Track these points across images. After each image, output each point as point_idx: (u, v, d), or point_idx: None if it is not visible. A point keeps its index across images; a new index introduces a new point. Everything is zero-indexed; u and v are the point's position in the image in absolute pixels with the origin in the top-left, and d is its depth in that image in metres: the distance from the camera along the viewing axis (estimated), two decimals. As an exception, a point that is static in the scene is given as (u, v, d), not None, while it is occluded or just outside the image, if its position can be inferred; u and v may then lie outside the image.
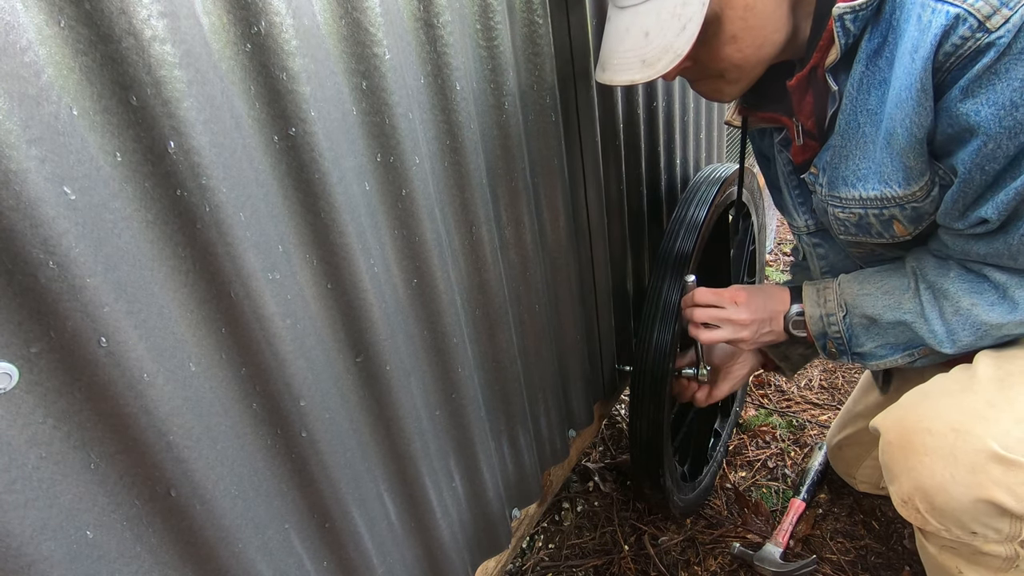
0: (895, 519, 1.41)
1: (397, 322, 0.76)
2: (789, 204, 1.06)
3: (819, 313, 0.99)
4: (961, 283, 0.84)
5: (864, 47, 0.77)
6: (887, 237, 0.88)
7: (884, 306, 0.92)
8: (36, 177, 0.40)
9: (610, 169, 1.17)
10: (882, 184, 0.81)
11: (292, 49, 0.56)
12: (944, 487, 0.79)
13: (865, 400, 1.35)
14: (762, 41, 0.81)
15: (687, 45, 0.75)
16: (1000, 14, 0.62)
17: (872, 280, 0.95)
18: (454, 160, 0.79)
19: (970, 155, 0.71)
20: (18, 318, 0.43)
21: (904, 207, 0.82)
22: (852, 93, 0.80)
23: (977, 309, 0.83)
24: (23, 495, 0.43)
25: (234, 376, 0.58)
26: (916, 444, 0.82)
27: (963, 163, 0.72)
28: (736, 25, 0.79)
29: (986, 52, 0.64)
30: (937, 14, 0.65)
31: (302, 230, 0.62)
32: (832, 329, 0.98)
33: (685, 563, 1.40)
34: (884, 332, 0.94)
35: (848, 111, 0.81)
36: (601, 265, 1.21)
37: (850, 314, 0.96)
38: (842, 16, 0.74)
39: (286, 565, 0.67)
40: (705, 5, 0.73)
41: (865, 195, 0.84)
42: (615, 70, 0.81)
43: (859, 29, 0.75)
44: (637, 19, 0.79)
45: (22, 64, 0.40)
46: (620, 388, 1.50)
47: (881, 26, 0.75)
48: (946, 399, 0.82)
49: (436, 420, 0.88)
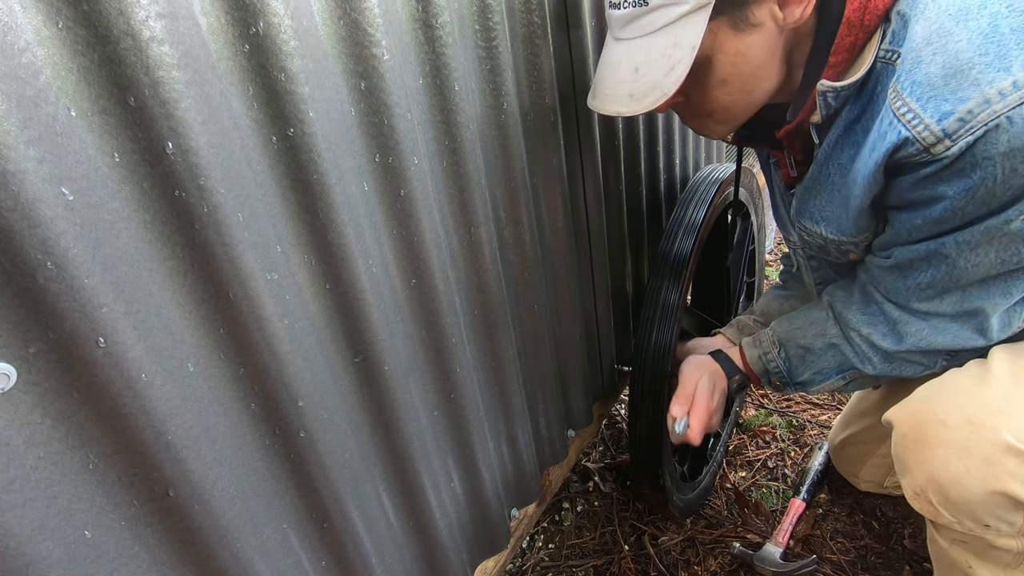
0: (895, 519, 1.41)
1: (396, 322, 0.76)
2: (784, 217, 1.09)
3: (757, 354, 1.11)
4: (860, 315, 0.96)
5: (844, 116, 0.82)
6: (843, 260, 0.99)
7: (813, 335, 1.04)
8: (34, 178, 0.41)
9: (609, 169, 1.17)
10: (839, 232, 0.91)
11: (290, 50, 0.56)
12: (958, 479, 0.80)
13: (869, 398, 1.36)
14: (752, 87, 0.84)
15: (674, 86, 0.76)
16: (942, 144, 0.69)
17: (798, 317, 1.08)
18: (453, 160, 0.79)
19: (907, 221, 0.81)
20: (16, 318, 0.43)
21: (859, 245, 0.92)
22: (828, 149, 0.86)
23: (873, 338, 0.95)
24: (21, 495, 0.44)
25: (232, 376, 0.58)
26: (930, 436, 0.83)
27: (901, 223, 0.83)
28: (726, 70, 0.81)
29: (930, 164, 0.72)
30: (892, 129, 0.73)
31: (300, 230, 0.63)
32: (771, 365, 1.09)
33: (685, 563, 1.40)
34: (818, 358, 1.04)
35: (821, 161, 0.88)
36: (600, 265, 1.21)
37: (784, 348, 1.08)
38: (824, 93, 0.79)
39: (284, 565, 0.67)
40: (695, 49, 0.75)
41: (825, 234, 0.94)
42: (604, 100, 0.84)
43: (840, 104, 0.81)
44: (629, 53, 0.80)
45: (20, 65, 0.40)
46: (619, 388, 1.50)
47: (862, 100, 0.79)
48: (961, 393, 0.84)
49: (435, 420, 0.88)
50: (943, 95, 0.68)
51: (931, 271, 0.83)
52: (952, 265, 0.80)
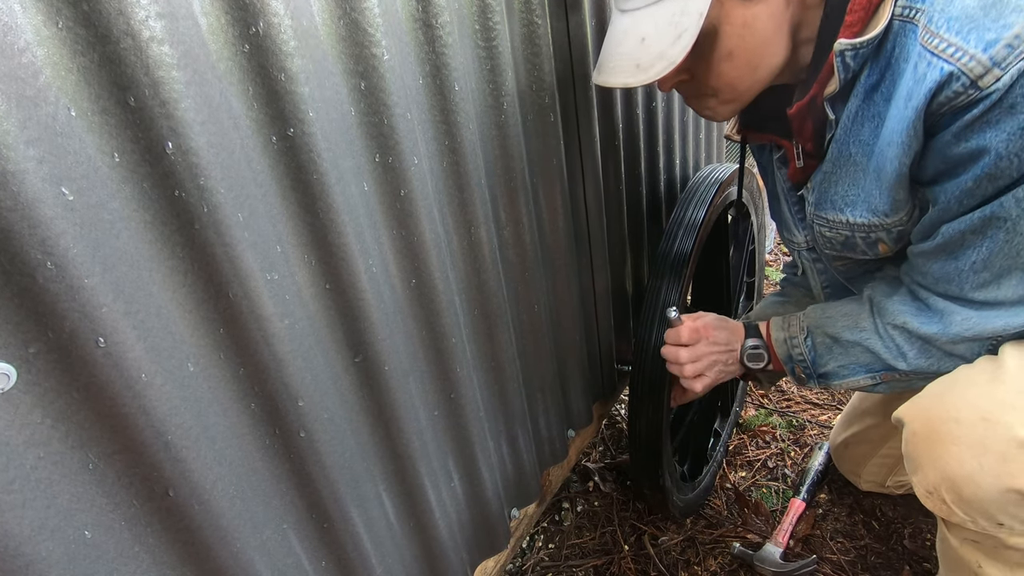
0: (895, 519, 1.41)
1: (396, 322, 0.76)
2: (788, 219, 1.07)
3: (783, 336, 1.05)
4: (901, 305, 0.91)
5: (863, 82, 0.78)
6: (870, 255, 0.93)
7: (843, 326, 0.98)
8: (34, 178, 0.41)
9: (609, 169, 1.17)
10: (870, 213, 0.85)
11: (290, 50, 0.56)
12: (972, 477, 0.78)
13: (871, 397, 1.35)
14: (758, 62, 0.82)
15: (681, 54, 0.75)
16: (992, 74, 0.65)
17: (834, 306, 1.02)
18: (453, 160, 0.79)
19: (954, 188, 0.75)
20: (16, 318, 0.43)
21: (891, 231, 0.86)
22: (847, 123, 0.82)
23: (911, 325, 0.89)
24: (21, 495, 0.44)
25: (232, 376, 0.58)
26: (943, 433, 0.81)
27: (945, 193, 0.76)
28: (732, 42, 0.80)
29: (977, 104, 0.67)
30: (932, 68, 0.68)
31: (300, 230, 0.63)
32: (796, 351, 1.04)
33: (685, 563, 1.40)
34: (846, 351, 0.98)
35: (841, 140, 0.84)
36: (600, 265, 1.21)
37: (812, 335, 1.02)
38: (843, 52, 0.76)
39: (284, 565, 0.67)
40: (702, 17, 0.74)
41: (853, 221, 0.88)
42: (610, 72, 0.82)
43: (859, 65, 0.77)
44: (636, 24, 0.80)
45: (20, 65, 0.40)
46: (619, 388, 1.50)
47: (880, 63, 0.76)
48: (974, 388, 0.82)
49: (435, 420, 0.88)
50: (984, 25, 0.65)
51: (987, 244, 0.76)
52: (1012, 231, 0.73)
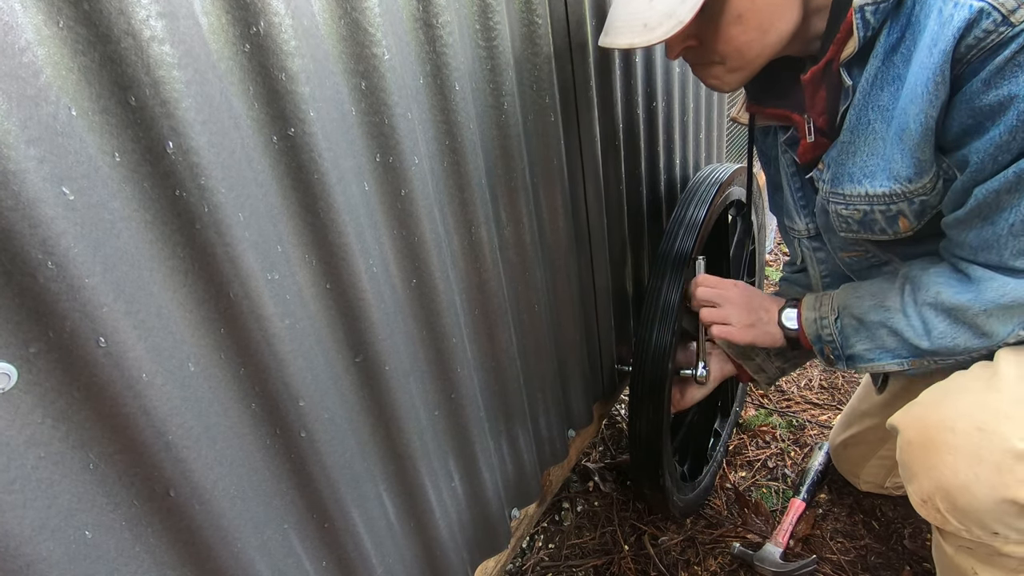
0: (895, 519, 1.41)
1: (396, 322, 0.76)
2: (791, 205, 1.06)
3: (814, 316, 1.02)
4: (938, 276, 0.86)
5: (882, 41, 0.76)
6: (889, 233, 0.89)
7: (869, 306, 0.95)
8: (35, 177, 0.41)
9: (609, 169, 1.17)
10: (891, 180, 0.82)
11: (291, 49, 0.56)
12: (967, 487, 0.77)
13: (870, 398, 1.35)
14: (768, 26, 0.80)
15: (690, 13, 0.74)
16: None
17: (865, 286, 0.99)
18: (453, 160, 0.79)
19: (986, 144, 0.71)
20: (17, 318, 0.43)
21: (912, 201, 0.82)
22: (865, 88, 0.80)
23: (944, 295, 0.84)
24: (22, 495, 0.43)
25: (233, 376, 0.58)
26: (938, 443, 0.80)
27: (977, 152, 0.73)
28: (743, 4, 0.78)
29: (1009, 44, 0.64)
30: (960, 8, 0.66)
31: (301, 230, 0.62)
32: (825, 332, 1.01)
33: (685, 563, 1.40)
34: (871, 334, 0.95)
35: (859, 107, 0.81)
36: (600, 265, 1.21)
37: (841, 317, 0.99)
38: (863, 8, 0.74)
39: (285, 565, 0.67)
40: None
41: (872, 192, 0.84)
42: (616, 33, 0.80)
43: (879, 22, 0.75)
44: None
45: (20, 64, 0.40)
46: (619, 388, 1.49)
47: (900, 20, 0.75)
48: (969, 397, 0.81)
49: (435, 420, 0.88)
50: None
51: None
52: None
